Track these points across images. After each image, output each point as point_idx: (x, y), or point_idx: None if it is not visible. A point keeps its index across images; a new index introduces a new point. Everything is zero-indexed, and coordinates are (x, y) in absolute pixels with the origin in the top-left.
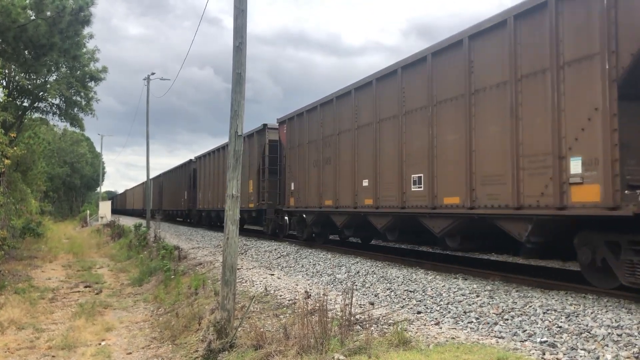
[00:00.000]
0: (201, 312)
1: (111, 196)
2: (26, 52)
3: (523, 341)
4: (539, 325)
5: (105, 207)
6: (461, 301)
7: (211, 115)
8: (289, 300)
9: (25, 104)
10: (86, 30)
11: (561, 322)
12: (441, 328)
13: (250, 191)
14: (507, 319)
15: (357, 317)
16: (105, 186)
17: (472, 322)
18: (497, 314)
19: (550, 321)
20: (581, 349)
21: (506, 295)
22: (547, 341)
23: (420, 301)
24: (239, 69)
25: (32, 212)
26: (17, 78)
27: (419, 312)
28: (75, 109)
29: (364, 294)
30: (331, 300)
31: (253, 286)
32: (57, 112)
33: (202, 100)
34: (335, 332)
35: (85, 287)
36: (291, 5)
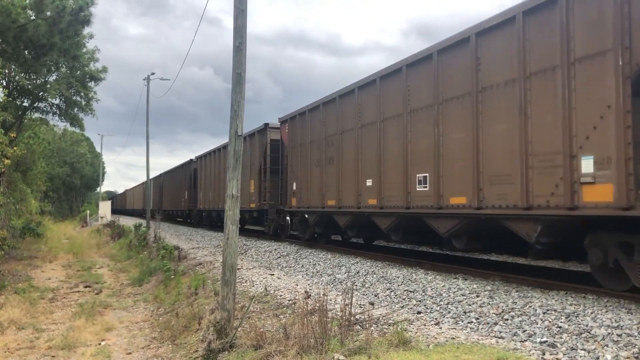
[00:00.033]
0: (201, 312)
1: (111, 196)
2: (26, 52)
3: (523, 341)
4: (538, 326)
5: (105, 207)
6: (461, 301)
7: (211, 115)
8: (289, 300)
9: (25, 104)
10: (86, 30)
11: (561, 322)
12: (441, 328)
13: (252, 191)
14: (507, 319)
15: (357, 317)
16: (105, 186)
17: (472, 322)
18: (497, 314)
19: (550, 321)
20: (581, 349)
21: (506, 295)
22: (547, 341)
23: (420, 301)
24: (239, 69)
25: (32, 212)
26: (17, 78)
27: (418, 312)
28: (75, 109)
29: (364, 294)
30: (331, 300)
31: (253, 286)
32: (57, 112)
33: (202, 100)
34: (335, 332)
35: (85, 287)
36: (291, 5)
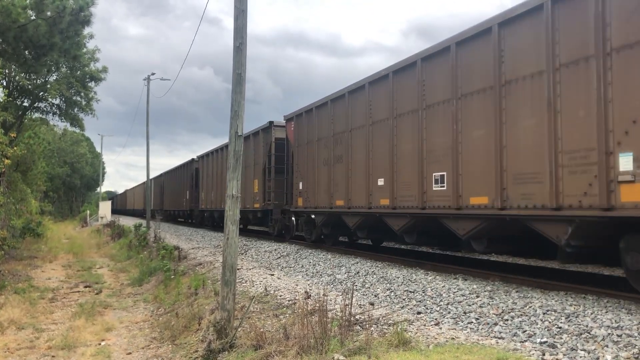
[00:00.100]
0: (201, 312)
1: (111, 196)
2: (26, 52)
3: (523, 342)
4: (538, 326)
5: (105, 207)
6: (461, 302)
7: (211, 116)
8: (288, 301)
9: (25, 104)
10: (86, 31)
11: (561, 322)
12: (441, 328)
13: (256, 191)
14: (507, 320)
15: (357, 317)
16: (105, 186)
17: (472, 322)
18: (497, 315)
19: (550, 322)
20: (581, 350)
21: (506, 295)
22: (547, 342)
23: (420, 301)
24: (239, 69)
25: (32, 212)
26: (17, 78)
27: (418, 313)
28: (76, 109)
29: (364, 294)
30: (331, 300)
31: (253, 286)
32: (57, 112)
33: (202, 100)
34: (335, 332)
35: (85, 287)
36: (291, 5)
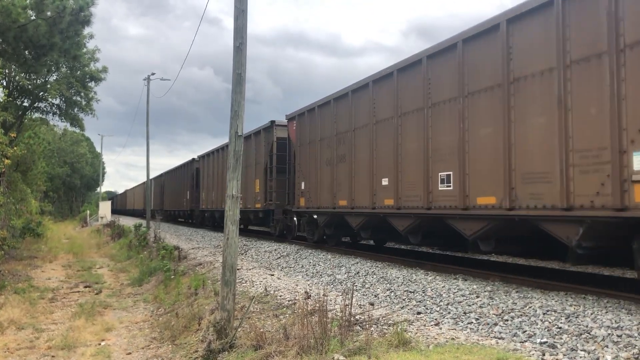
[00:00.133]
0: (201, 313)
1: (111, 196)
2: (26, 52)
3: (523, 342)
4: (538, 326)
5: (105, 207)
6: (461, 302)
7: (211, 116)
8: (288, 301)
9: (25, 104)
10: (86, 31)
11: (561, 322)
12: (441, 329)
13: (257, 191)
14: (507, 320)
15: (357, 317)
16: (105, 186)
17: (472, 322)
18: (497, 315)
19: (550, 322)
20: (581, 350)
21: (506, 296)
22: (547, 342)
23: (420, 302)
24: (239, 69)
25: (32, 212)
26: (17, 78)
27: (418, 313)
28: (76, 109)
29: (364, 295)
30: (331, 300)
31: (253, 286)
32: (57, 112)
33: (202, 100)
34: (335, 332)
35: (85, 287)
36: (291, 5)
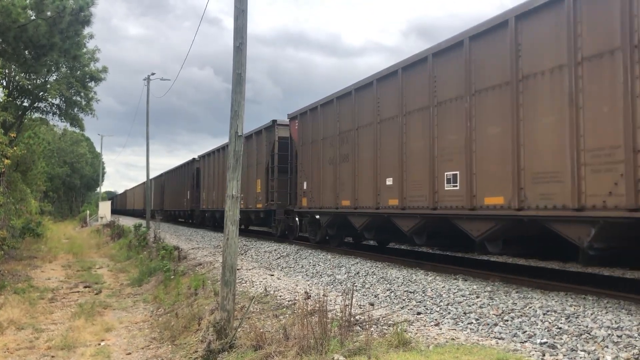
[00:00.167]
0: (201, 313)
1: (111, 196)
2: (26, 52)
3: (523, 342)
4: (539, 327)
5: (105, 208)
6: (461, 302)
7: (211, 116)
8: (288, 301)
9: (25, 104)
10: (86, 31)
11: (561, 323)
12: (441, 329)
13: (258, 191)
14: (507, 320)
15: (357, 317)
16: (105, 186)
17: (472, 323)
18: (497, 315)
19: (550, 322)
20: (581, 350)
21: (506, 296)
22: (547, 342)
23: (420, 302)
24: (239, 69)
25: (32, 212)
26: (17, 78)
27: (418, 313)
28: (75, 109)
29: (364, 295)
30: (331, 301)
31: (253, 287)
32: (57, 112)
33: (202, 100)
34: (335, 332)
35: (85, 287)
36: (291, 5)
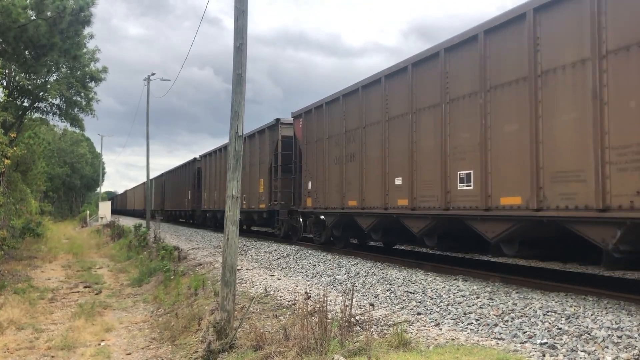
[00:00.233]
0: (201, 313)
1: (111, 196)
2: (26, 52)
3: (523, 343)
4: (539, 327)
5: (105, 208)
6: (461, 302)
7: (211, 116)
8: (288, 301)
9: (25, 104)
10: (86, 31)
11: (561, 323)
12: (441, 329)
13: (261, 191)
14: (507, 321)
15: (357, 318)
16: (105, 186)
17: (472, 323)
18: (497, 316)
19: (550, 323)
20: (581, 351)
21: (506, 296)
22: (547, 343)
23: (420, 302)
24: (240, 69)
25: (32, 212)
26: (17, 78)
27: (419, 314)
28: (76, 109)
29: (364, 295)
30: (331, 301)
31: (253, 287)
32: (57, 112)
33: (202, 100)
34: (335, 333)
35: (85, 287)
36: (291, 5)
